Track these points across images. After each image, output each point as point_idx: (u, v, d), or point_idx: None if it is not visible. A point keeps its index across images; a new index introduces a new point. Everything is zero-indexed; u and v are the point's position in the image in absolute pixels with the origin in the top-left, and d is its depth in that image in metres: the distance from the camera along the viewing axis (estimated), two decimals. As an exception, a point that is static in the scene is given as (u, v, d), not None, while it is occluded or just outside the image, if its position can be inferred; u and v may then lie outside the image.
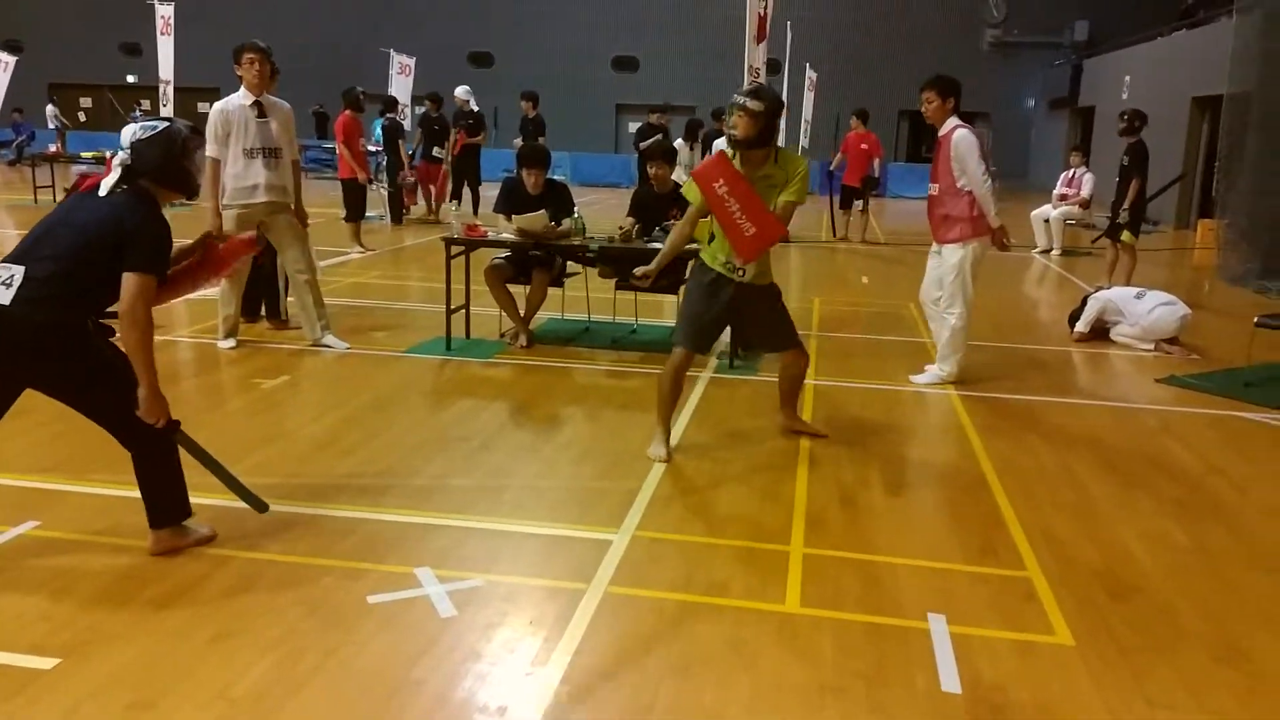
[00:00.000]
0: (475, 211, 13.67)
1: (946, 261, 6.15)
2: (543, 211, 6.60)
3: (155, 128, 3.43)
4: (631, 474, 4.53)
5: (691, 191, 4.70)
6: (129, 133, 3.44)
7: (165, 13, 14.20)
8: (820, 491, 4.38)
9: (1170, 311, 7.28)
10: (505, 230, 6.79)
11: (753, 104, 4.45)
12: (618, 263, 6.84)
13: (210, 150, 6.13)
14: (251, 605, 3.19)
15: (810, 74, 20.79)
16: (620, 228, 6.72)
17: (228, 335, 6.57)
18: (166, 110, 14.64)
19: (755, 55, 6.84)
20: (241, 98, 6.33)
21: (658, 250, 6.55)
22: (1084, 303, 7.79)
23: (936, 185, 6.07)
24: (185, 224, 5.72)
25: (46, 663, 2.81)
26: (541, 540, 3.82)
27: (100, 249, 3.24)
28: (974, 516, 4.19)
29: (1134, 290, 7.64)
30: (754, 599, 3.36)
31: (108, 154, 3.48)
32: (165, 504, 3.52)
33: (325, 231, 11.95)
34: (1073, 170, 13.59)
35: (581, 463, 4.73)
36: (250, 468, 4.41)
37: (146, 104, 23.99)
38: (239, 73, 6.33)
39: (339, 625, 3.09)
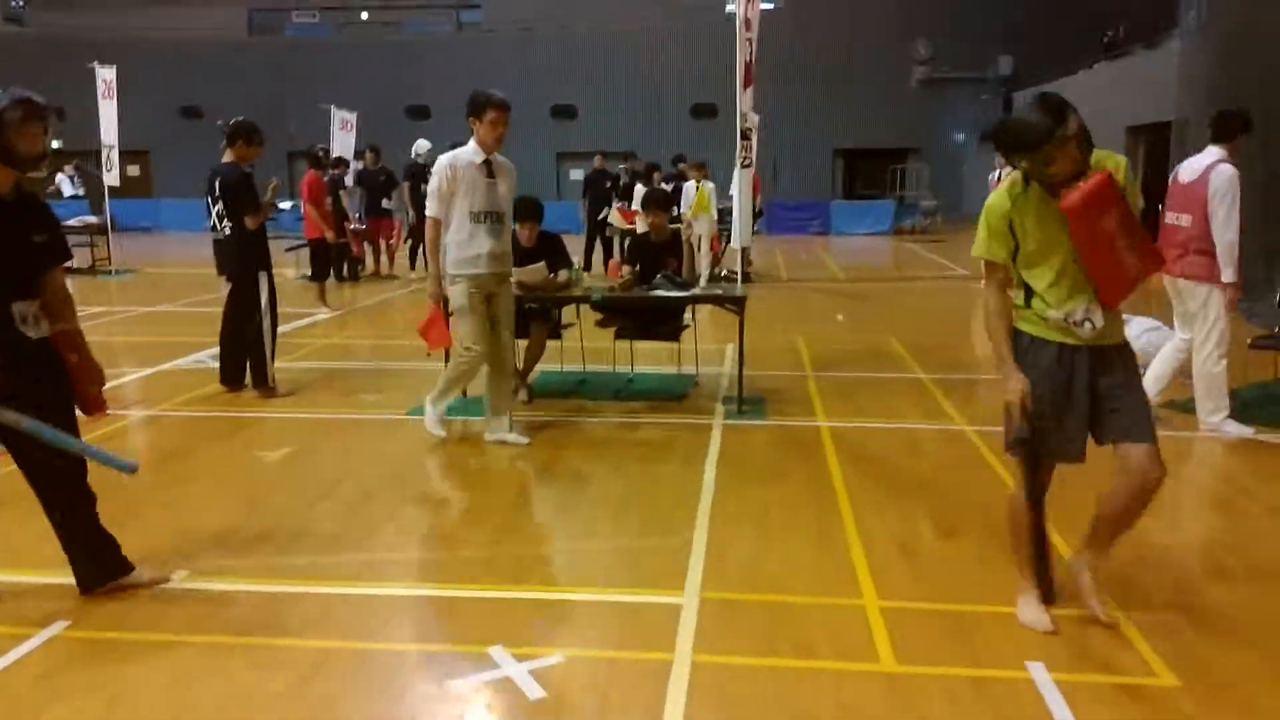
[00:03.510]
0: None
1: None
2: (542, 264, 6.49)
3: None
4: (672, 529, 4.41)
5: (995, 246, 3.39)
6: None
7: (107, 76, 13.85)
8: (873, 538, 4.30)
9: (1159, 336, 7.38)
10: (501, 284, 6.65)
11: (1082, 133, 3.14)
12: (621, 313, 6.74)
13: (431, 209, 5.60)
14: (328, 695, 2.98)
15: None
16: (620, 276, 6.63)
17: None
18: (111, 175, 14.26)
19: (744, 100, 6.89)
20: (472, 154, 5.61)
21: (660, 297, 6.52)
22: (1070, 331, 7.87)
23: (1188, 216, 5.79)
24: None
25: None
26: (607, 608, 3.67)
27: None
28: (1033, 555, 4.13)
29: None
30: (847, 659, 3.25)
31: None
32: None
33: (287, 293, 11.65)
34: (998, 170, 13.10)
35: (619, 520, 4.59)
36: (279, 548, 4.22)
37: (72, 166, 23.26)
38: (475, 127, 5.59)
39: (430, 715, 2.90)
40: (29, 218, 3.45)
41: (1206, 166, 5.71)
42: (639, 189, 13.20)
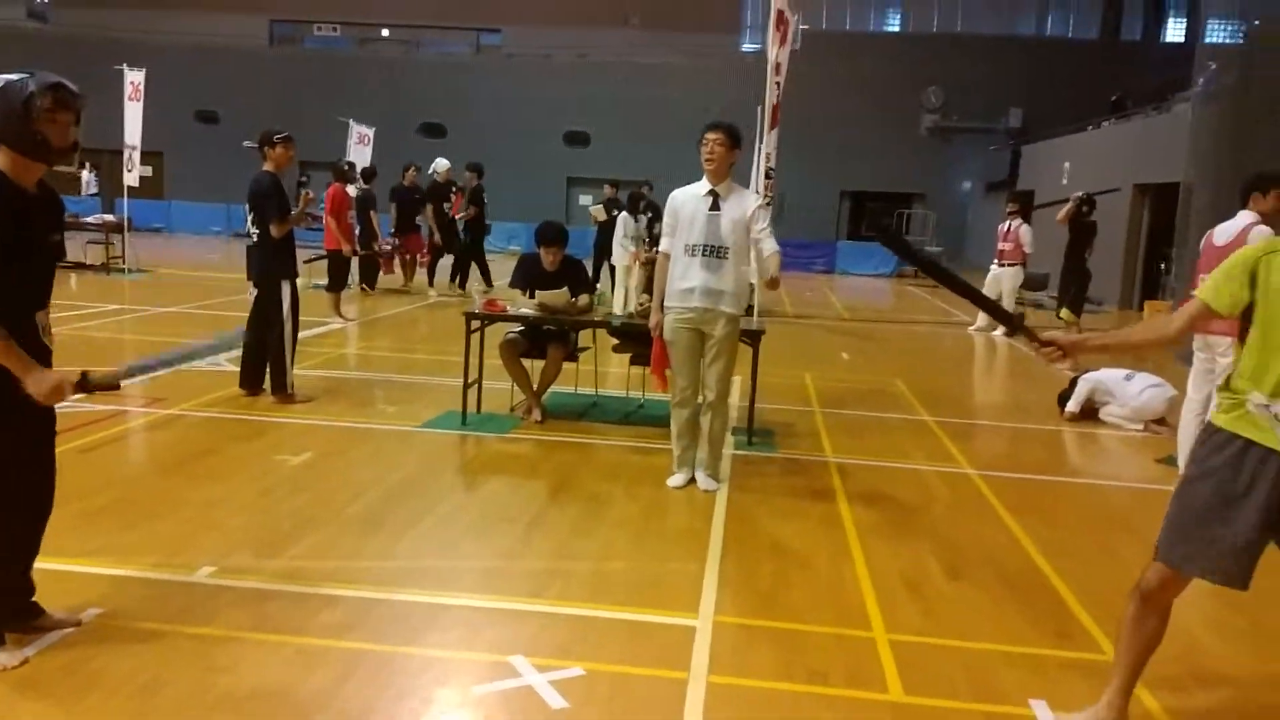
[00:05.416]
0: (461, 284, 14.31)
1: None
2: (565, 288, 6.64)
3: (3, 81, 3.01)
4: (689, 554, 4.52)
5: (1227, 294, 2.87)
6: None
7: (135, 78, 14.06)
8: (883, 574, 4.41)
9: (1159, 393, 7.57)
10: (524, 305, 6.81)
11: None
12: (638, 340, 6.87)
13: (663, 243, 5.55)
14: (362, 697, 3.09)
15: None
16: (640, 304, 6.78)
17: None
18: (131, 176, 14.42)
19: (769, 141, 7.06)
20: (700, 185, 5.48)
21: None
22: (1073, 384, 8.04)
23: None
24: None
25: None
26: (625, 625, 3.77)
27: None
28: (1038, 599, 4.25)
29: (1123, 372, 7.92)
30: (858, 688, 3.36)
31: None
32: None
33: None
34: (1008, 223, 13.37)
35: (635, 542, 4.71)
36: (306, 550, 4.33)
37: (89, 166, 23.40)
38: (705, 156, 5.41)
39: (458, 720, 3.01)
40: (51, 216, 3.19)
41: (1242, 229, 5.80)
42: (624, 217, 12.53)
